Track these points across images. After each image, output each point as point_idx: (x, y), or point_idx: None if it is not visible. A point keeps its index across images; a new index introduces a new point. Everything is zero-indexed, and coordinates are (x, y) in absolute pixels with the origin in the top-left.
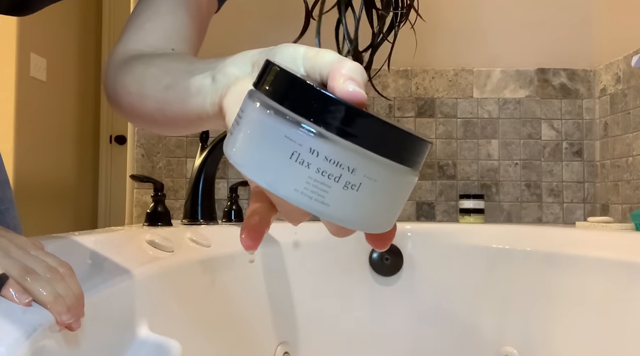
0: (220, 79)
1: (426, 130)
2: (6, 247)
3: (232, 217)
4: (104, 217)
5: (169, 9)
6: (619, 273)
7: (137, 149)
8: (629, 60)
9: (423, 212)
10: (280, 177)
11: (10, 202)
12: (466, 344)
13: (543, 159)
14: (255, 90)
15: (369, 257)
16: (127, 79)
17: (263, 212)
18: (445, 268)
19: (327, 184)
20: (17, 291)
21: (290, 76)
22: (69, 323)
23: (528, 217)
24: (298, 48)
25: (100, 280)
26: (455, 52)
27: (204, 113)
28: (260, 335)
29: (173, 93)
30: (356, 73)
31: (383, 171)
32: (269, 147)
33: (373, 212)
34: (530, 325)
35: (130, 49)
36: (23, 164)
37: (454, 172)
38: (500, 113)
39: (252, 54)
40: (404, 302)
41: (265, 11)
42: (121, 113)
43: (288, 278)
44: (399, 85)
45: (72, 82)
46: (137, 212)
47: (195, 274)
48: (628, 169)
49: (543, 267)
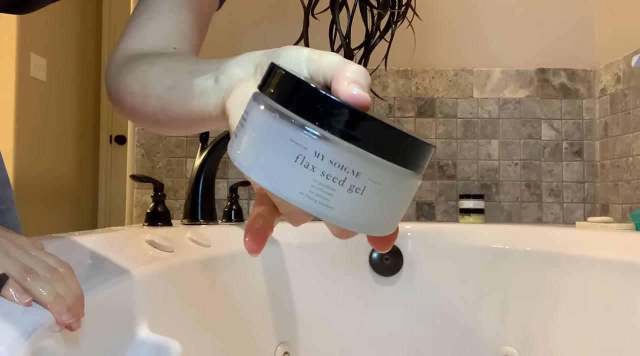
0: (224, 80)
1: (426, 130)
2: (6, 247)
3: (232, 217)
4: (104, 217)
5: (171, 8)
6: (619, 273)
7: (137, 149)
8: (629, 60)
9: (423, 212)
10: (285, 180)
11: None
12: (466, 344)
13: (543, 159)
14: (260, 93)
15: (369, 257)
16: (130, 79)
17: (266, 214)
18: (445, 268)
19: (331, 187)
20: (17, 291)
21: (295, 79)
22: (69, 323)
23: (528, 217)
24: (302, 50)
25: (100, 280)
26: (455, 52)
27: (206, 114)
28: (260, 335)
29: (176, 94)
30: (360, 76)
31: (387, 174)
32: (273, 150)
33: (376, 215)
34: (530, 325)
35: (132, 49)
36: (23, 164)
37: (454, 172)
38: (500, 113)
39: (255, 55)
40: (404, 302)
41: (265, 10)
42: (123, 113)
43: (288, 278)
44: (399, 85)
45: (72, 82)
46: (137, 212)
47: (195, 274)
48: (628, 169)
49: (543, 267)
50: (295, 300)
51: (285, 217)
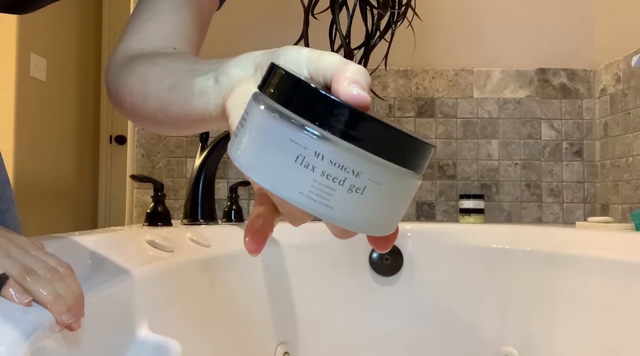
0: (224, 80)
1: (426, 130)
2: (6, 247)
3: (232, 217)
4: (104, 217)
5: (171, 8)
6: (619, 273)
7: (137, 149)
8: (629, 60)
9: (423, 212)
10: (285, 180)
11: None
12: (466, 344)
13: (543, 159)
14: (260, 93)
15: (369, 257)
16: (130, 79)
17: (266, 214)
18: (445, 268)
19: (331, 187)
20: (17, 291)
21: (295, 79)
22: (69, 323)
23: (528, 217)
24: (302, 50)
25: (100, 280)
26: (455, 52)
27: (207, 114)
28: (260, 335)
29: (176, 94)
30: (360, 76)
31: (387, 174)
32: (273, 150)
33: (377, 215)
34: (530, 325)
35: (132, 48)
36: (23, 164)
37: (454, 172)
38: (500, 113)
39: (255, 55)
40: (403, 302)
41: (265, 9)
42: (123, 113)
43: (288, 278)
44: (399, 85)
45: (72, 82)
46: (137, 212)
47: (195, 274)
48: (628, 169)
49: (543, 267)
50: (295, 300)
51: (285, 217)
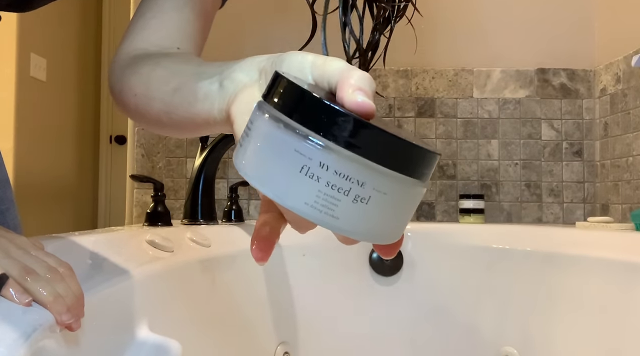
0: (228, 85)
1: (426, 130)
2: (6, 247)
3: (232, 217)
4: (104, 217)
5: (174, 6)
6: (619, 273)
7: (137, 149)
8: (629, 60)
9: (423, 212)
10: (290, 190)
11: (11, 202)
12: (466, 344)
13: (543, 159)
14: (264, 102)
15: (369, 257)
16: (133, 80)
17: (273, 222)
18: (445, 268)
19: (336, 197)
20: (17, 291)
21: (299, 89)
22: (69, 323)
23: (528, 217)
24: (306, 56)
25: (100, 280)
26: (455, 52)
27: (211, 118)
28: (260, 335)
29: (180, 97)
30: (365, 83)
31: (392, 184)
32: (278, 161)
33: (382, 224)
34: (530, 325)
35: (136, 48)
36: (23, 164)
37: (454, 172)
38: (500, 113)
39: (259, 60)
40: (403, 302)
41: (269, 8)
42: (127, 114)
43: (288, 278)
44: (398, 85)
45: (72, 82)
46: (137, 212)
47: (196, 274)
48: (628, 169)
49: (543, 267)
50: (295, 300)
51: (291, 224)
